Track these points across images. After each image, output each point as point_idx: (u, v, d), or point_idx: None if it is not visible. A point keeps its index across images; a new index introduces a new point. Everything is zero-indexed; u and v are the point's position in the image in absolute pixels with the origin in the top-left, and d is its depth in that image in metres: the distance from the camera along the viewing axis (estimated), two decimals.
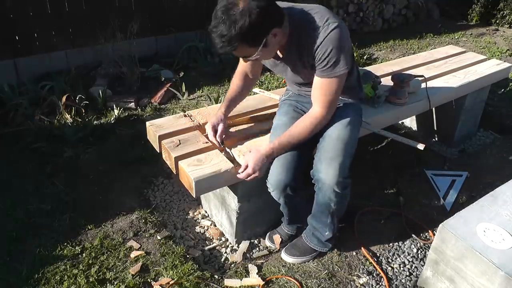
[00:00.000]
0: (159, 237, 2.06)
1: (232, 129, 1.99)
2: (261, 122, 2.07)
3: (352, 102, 1.91)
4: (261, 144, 1.82)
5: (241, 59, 1.81)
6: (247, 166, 1.67)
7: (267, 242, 2.06)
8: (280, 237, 2.05)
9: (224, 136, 1.85)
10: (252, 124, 2.06)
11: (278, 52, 1.70)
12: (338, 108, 1.81)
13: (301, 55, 1.65)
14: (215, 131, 1.84)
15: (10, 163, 2.53)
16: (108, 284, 1.79)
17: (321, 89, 1.67)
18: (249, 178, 1.69)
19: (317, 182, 1.74)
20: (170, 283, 1.80)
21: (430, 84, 2.49)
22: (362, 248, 2.04)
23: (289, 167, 1.69)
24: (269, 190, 1.77)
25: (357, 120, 1.85)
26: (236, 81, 1.96)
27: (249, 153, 1.72)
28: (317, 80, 1.67)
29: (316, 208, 1.84)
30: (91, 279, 1.80)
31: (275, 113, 2.02)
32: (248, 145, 1.88)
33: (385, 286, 1.86)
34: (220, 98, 3.28)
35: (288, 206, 1.87)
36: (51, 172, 2.39)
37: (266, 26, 1.48)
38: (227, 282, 1.84)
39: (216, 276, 1.86)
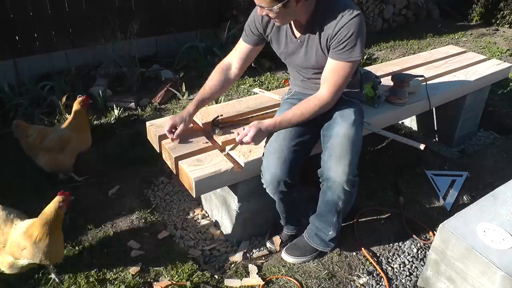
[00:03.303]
0: (159, 237, 2.06)
1: (232, 129, 1.99)
2: None
3: (355, 101, 1.91)
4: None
5: (236, 47, 1.93)
6: (246, 134, 1.71)
7: (267, 243, 2.06)
8: (280, 238, 2.05)
9: (179, 134, 1.87)
10: None
11: (296, 31, 1.76)
12: (342, 107, 1.83)
13: (321, 34, 1.69)
14: (173, 128, 1.85)
15: (10, 163, 2.53)
16: (108, 284, 1.79)
17: (333, 72, 1.71)
18: (244, 142, 1.73)
19: (326, 181, 1.75)
20: (170, 283, 1.80)
21: (430, 84, 2.49)
22: (362, 248, 2.04)
23: (285, 161, 1.70)
24: (264, 186, 1.77)
25: (361, 120, 1.87)
26: (216, 76, 1.93)
27: (252, 123, 1.74)
28: (331, 62, 1.71)
29: (323, 207, 1.84)
30: (91, 279, 1.80)
31: (275, 113, 2.02)
32: (248, 145, 1.88)
33: (385, 286, 1.86)
34: (220, 98, 3.28)
35: (284, 204, 1.87)
36: (51, 172, 2.39)
37: None
38: (227, 282, 1.84)
39: (216, 276, 1.86)
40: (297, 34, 1.77)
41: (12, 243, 1.67)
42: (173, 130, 1.86)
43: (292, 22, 1.75)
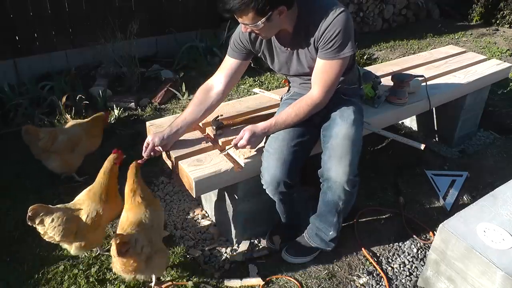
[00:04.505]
0: None
1: (232, 129, 1.99)
2: None
3: (354, 100, 1.91)
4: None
5: (221, 66, 1.92)
6: (242, 137, 1.71)
7: (267, 243, 2.06)
8: (280, 237, 2.05)
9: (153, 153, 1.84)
10: None
11: (284, 40, 1.74)
12: (342, 107, 1.83)
13: (308, 36, 1.68)
14: (152, 147, 1.82)
15: (10, 163, 2.53)
16: (108, 284, 1.79)
17: (323, 71, 1.70)
18: (239, 146, 1.73)
19: (326, 181, 1.75)
20: (171, 283, 1.80)
21: (430, 84, 2.49)
22: (362, 248, 2.04)
23: (284, 162, 1.70)
24: (264, 187, 1.77)
25: (361, 119, 1.87)
26: (200, 96, 1.87)
27: (247, 127, 1.74)
28: (320, 62, 1.70)
29: (323, 208, 1.84)
30: (91, 279, 1.80)
31: (275, 113, 2.02)
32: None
33: (385, 286, 1.86)
34: None
35: (284, 205, 1.87)
36: (51, 172, 2.39)
37: (276, 0, 1.53)
38: (227, 282, 1.84)
39: (216, 276, 1.86)
40: (285, 43, 1.76)
41: (88, 216, 1.75)
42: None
43: (278, 32, 1.72)
